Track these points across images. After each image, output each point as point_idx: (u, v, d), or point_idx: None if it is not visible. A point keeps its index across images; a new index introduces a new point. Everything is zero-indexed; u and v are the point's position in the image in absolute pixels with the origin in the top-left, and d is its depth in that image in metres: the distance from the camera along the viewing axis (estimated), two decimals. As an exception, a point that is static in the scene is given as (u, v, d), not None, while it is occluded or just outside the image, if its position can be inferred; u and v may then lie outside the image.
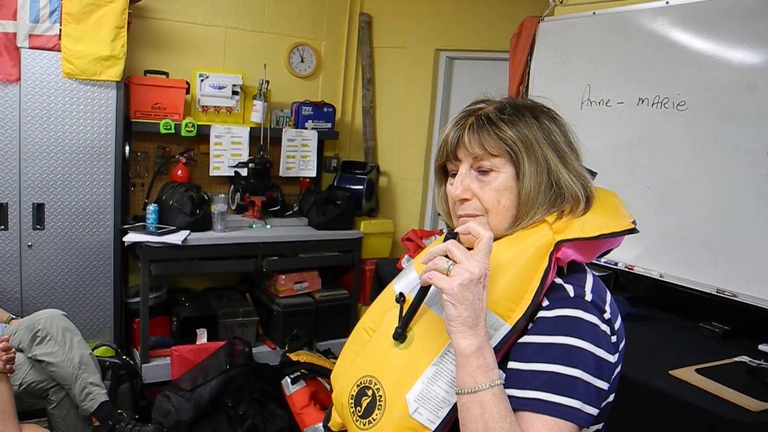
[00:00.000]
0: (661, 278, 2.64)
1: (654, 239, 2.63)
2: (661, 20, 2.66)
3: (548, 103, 1.16)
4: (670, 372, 1.99)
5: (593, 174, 1.14)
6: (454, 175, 1.13)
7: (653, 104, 2.68)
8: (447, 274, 0.96)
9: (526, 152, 1.06)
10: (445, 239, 1.04)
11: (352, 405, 1.11)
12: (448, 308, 0.95)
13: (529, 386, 0.97)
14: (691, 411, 1.82)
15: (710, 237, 2.49)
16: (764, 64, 2.32)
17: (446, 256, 0.98)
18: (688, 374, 1.98)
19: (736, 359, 2.12)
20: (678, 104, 2.59)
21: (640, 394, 1.93)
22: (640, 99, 2.73)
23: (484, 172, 1.09)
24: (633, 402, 1.92)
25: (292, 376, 3.36)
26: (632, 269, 2.73)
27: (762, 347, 2.24)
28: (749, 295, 2.35)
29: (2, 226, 3.16)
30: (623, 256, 2.75)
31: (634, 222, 1.08)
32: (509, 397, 0.97)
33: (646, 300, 2.74)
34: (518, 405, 0.96)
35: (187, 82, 3.74)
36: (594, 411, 0.98)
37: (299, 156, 4.13)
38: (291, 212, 4.12)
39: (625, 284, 2.84)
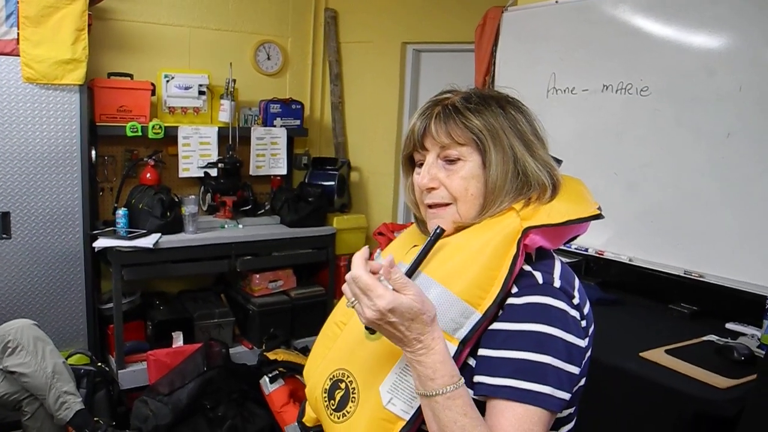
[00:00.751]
0: (630, 262, 2.68)
1: (622, 224, 2.67)
2: (622, 7, 2.69)
3: (514, 93, 1.17)
4: (641, 354, 2.02)
5: (558, 162, 1.15)
6: (421, 165, 1.14)
7: (617, 91, 2.71)
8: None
9: (492, 141, 1.07)
10: (434, 235, 1.06)
11: (326, 399, 1.12)
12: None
13: (499, 373, 0.98)
14: (661, 391, 1.86)
15: (676, 220, 2.53)
16: (722, 49, 2.36)
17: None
18: (658, 355, 2.01)
19: (705, 338, 2.16)
20: (641, 90, 2.62)
21: (611, 377, 1.95)
22: (604, 86, 2.76)
23: (451, 161, 1.10)
24: (605, 385, 1.94)
25: (270, 375, 3.35)
26: (602, 254, 2.77)
27: (729, 326, 2.28)
28: (716, 275, 2.40)
29: (-32, 237, 3.11)
30: (593, 241, 2.79)
31: (599, 208, 1.10)
32: (480, 384, 0.99)
33: (616, 284, 2.77)
34: (489, 392, 0.97)
35: (153, 84, 3.70)
36: (566, 395, 0.99)
37: (269, 154, 4.11)
38: (263, 211, 4.10)
39: (595, 270, 2.87)
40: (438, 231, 1.06)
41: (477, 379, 1.00)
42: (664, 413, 1.84)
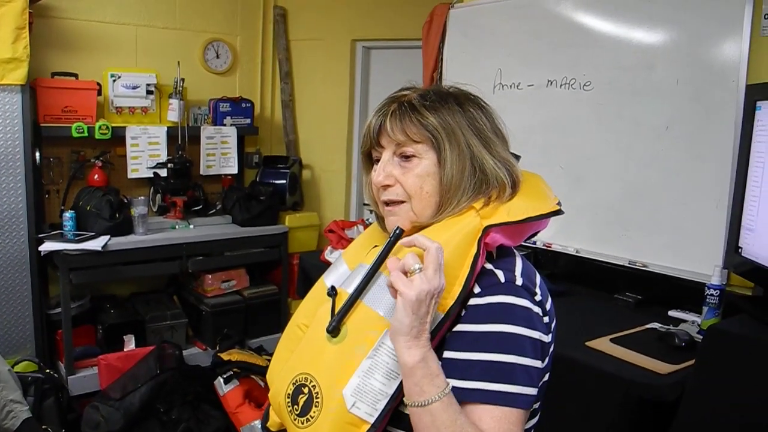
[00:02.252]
0: (577, 254, 2.74)
1: (569, 217, 2.68)
2: (565, 4, 2.75)
3: (474, 90, 1.16)
4: (587, 343, 2.07)
5: (517, 158, 1.15)
6: (378, 162, 1.14)
7: (561, 85, 2.77)
8: (409, 275, 0.96)
9: (447, 138, 1.07)
10: (394, 236, 1.04)
11: (289, 404, 1.09)
12: (398, 313, 0.95)
13: (468, 377, 0.97)
14: (606, 379, 1.90)
15: (621, 211, 2.60)
16: (661, 44, 2.43)
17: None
18: (603, 344, 2.06)
19: (648, 326, 2.22)
20: (584, 85, 2.68)
21: (559, 366, 1.98)
22: (549, 81, 2.82)
23: (406, 158, 1.09)
24: (554, 375, 1.98)
25: (224, 376, 3.32)
26: (550, 247, 2.82)
27: (671, 313, 2.35)
28: (659, 264, 2.47)
29: None
30: (541, 234, 2.81)
31: (559, 203, 1.10)
32: (452, 387, 0.97)
33: (564, 276, 2.83)
34: (461, 396, 0.97)
35: (99, 83, 3.63)
36: (534, 391, 0.99)
37: (219, 153, 4.08)
38: (214, 211, 4.06)
39: (544, 262, 2.92)
40: (398, 231, 1.05)
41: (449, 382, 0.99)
42: (609, 399, 1.89)
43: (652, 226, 2.50)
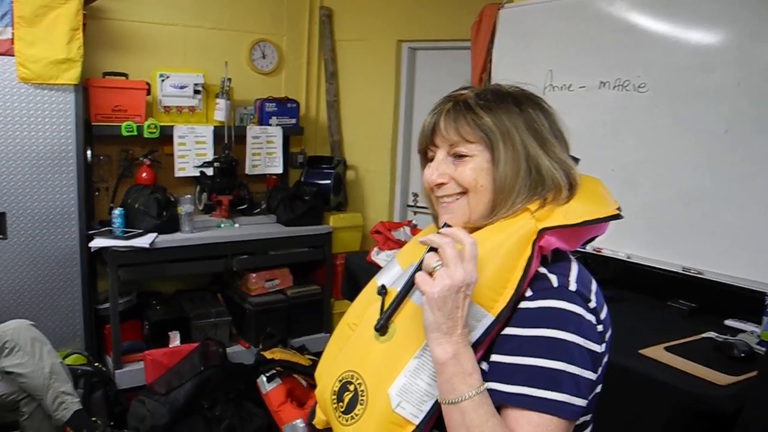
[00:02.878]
0: (628, 259, 2.68)
1: (620, 221, 2.66)
2: (619, 4, 2.69)
3: (534, 90, 1.14)
4: (640, 351, 2.03)
5: (576, 161, 1.13)
6: (432, 161, 1.13)
7: (614, 87, 2.71)
8: (431, 274, 0.95)
9: (501, 138, 1.05)
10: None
11: (335, 401, 1.10)
12: (425, 312, 0.95)
13: (512, 381, 0.96)
14: (661, 388, 1.86)
15: (674, 216, 2.53)
16: (720, 45, 2.37)
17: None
18: (657, 352, 2.01)
19: (704, 335, 2.17)
20: (638, 86, 2.62)
21: (611, 374, 1.95)
22: (601, 82, 2.76)
23: (459, 157, 1.08)
24: (605, 382, 1.95)
25: (267, 375, 3.34)
26: (600, 252, 2.77)
27: (728, 322, 2.29)
28: (714, 272, 2.40)
29: (-37, 238, 3.09)
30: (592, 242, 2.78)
31: (619, 208, 1.07)
32: (494, 390, 0.96)
33: (614, 282, 2.77)
34: (502, 399, 0.95)
35: (148, 83, 3.69)
36: (582, 402, 0.96)
37: (265, 153, 4.10)
38: (259, 210, 4.09)
39: (593, 267, 2.86)
40: (443, 227, 1.04)
41: (489, 385, 0.97)
42: (663, 410, 1.84)
43: (708, 232, 2.43)
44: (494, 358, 0.99)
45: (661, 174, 2.57)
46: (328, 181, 4.23)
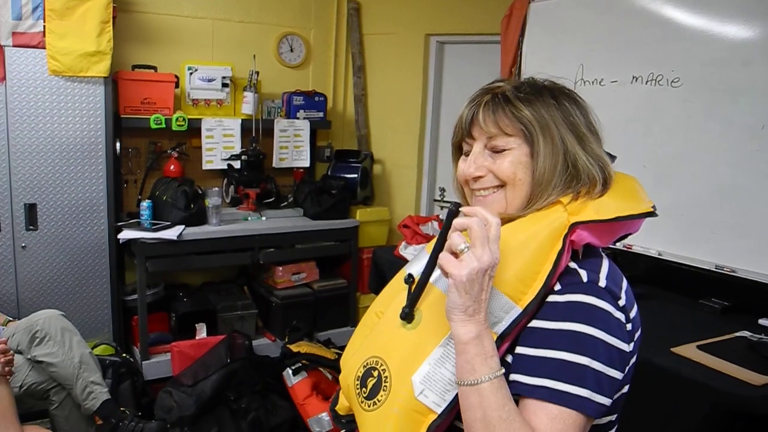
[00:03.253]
0: (659, 256, 2.64)
1: (652, 218, 2.62)
2: (652, -3, 2.64)
3: (568, 84, 1.13)
4: (672, 349, 1.99)
5: (612, 158, 1.11)
6: (467, 154, 1.11)
7: (647, 82, 2.67)
8: (458, 256, 0.94)
9: (541, 132, 1.04)
10: (449, 214, 1.01)
11: (358, 386, 1.09)
12: (451, 294, 0.94)
13: (536, 373, 0.95)
14: (694, 387, 1.83)
15: (707, 213, 2.49)
16: (758, 38, 2.31)
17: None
18: (689, 351, 1.98)
19: (737, 334, 2.13)
20: (672, 81, 2.58)
21: (642, 372, 1.91)
22: (633, 77, 2.72)
23: (497, 151, 1.07)
24: (636, 381, 1.92)
25: (293, 368, 3.35)
26: (630, 248, 2.73)
27: (762, 321, 2.24)
28: (748, 270, 2.36)
29: (-5, 228, 3.14)
30: (625, 239, 2.74)
31: (654, 207, 1.05)
32: (516, 382, 0.96)
33: (645, 279, 2.73)
34: (524, 391, 0.95)
35: (176, 76, 3.71)
36: (606, 401, 0.95)
37: (292, 146, 4.11)
38: (286, 203, 4.10)
39: (623, 263, 2.82)
40: (452, 208, 1.01)
41: (513, 377, 0.97)
42: (695, 409, 1.81)
43: (742, 230, 2.38)
44: (519, 350, 0.98)
45: (694, 170, 2.52)
46: (355, 175, 4.22)
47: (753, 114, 2.32)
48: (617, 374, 0.97)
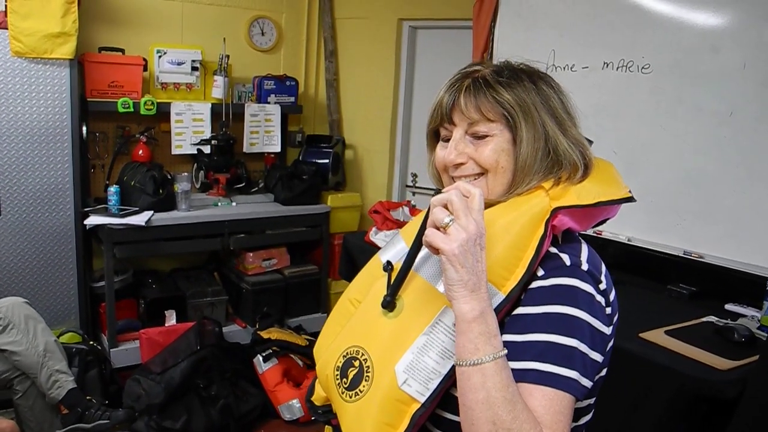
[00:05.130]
0: (629, 242, 2.66)
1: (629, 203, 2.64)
2: (623, -18, 2.64)
3: (542, 67, 1.12)
4: (640, 334, 2.01)
5: (590, 142, 1.11)
6: (446, 140, 1.10)
7: (618, 68, 2.68)
8: (444, 231, 0.92)
9: (524, 117, 1.03)
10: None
11: (338, 377, 1.08)
12: (448, 271, 0.92)
13: (525, 357, 0.94)
14: (661, 372, 1.84)
15: (676, 200, 2.51)
16: (727, 25, 2.33)
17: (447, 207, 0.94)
18: (657, 336, 2.00)
19: (704, 319, 2.15)
20: (642, 67, 2.59)
21: (611, 357, 1.93)
22: (604, 63, 2.73)
23: (479, 137, 1.06)
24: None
25: (263, 354, 3.34)
26: (600, 234, 2.75)
27: (728, 307, 2.27)
28: (715, 255, 2.39)
29: (-44, 213, 3.06)
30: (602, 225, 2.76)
31: (630, 192, 1.06)
32: None
33: (614, 264, 2.70)
34: (515, 377, 0.93)
35: (144, 59, 3.63)
36: (589, 383, 0.95)
37: (263, 131, 4.06)
38: (256, 189, 4.06)
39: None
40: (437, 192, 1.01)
41: None
42: (663, 394, 1.83)
43: (710, 216, 2.41)
44: (506, 338, 0.97)
45: (663, 156, 2.54)
46: (327, 161, 4.19)
47: (721, 101, 2.34)
48: (599, 357, 0.98)
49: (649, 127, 2.57)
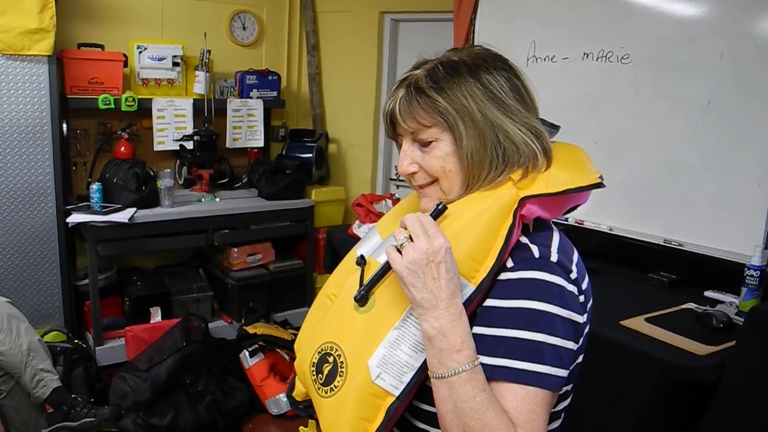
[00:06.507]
0: (610, 231, 2.68)
1: (603, 193, 2.62)
2: (602, -26, 2.66)
3: (493, 48, 1.11)
4: (621, 322, 2.03)
5: (556, 127, 1.11)
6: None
7: (598, 58, 2.69)
8: (400, 250, 0.95)
9: (460, 117, 1.02)
10: (436, 210, 1.02)
11: (314, 372, 1.08)
12: (405, 290, 0.95)
13: (495, 353, 0.95)
14: (642, 359, 1.87)
15: (656, 189, 2.53)
16: (705, 15, 2.35)
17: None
18: (638, 324, 2.02)
19: (684, 306, 2.18)
20: (622, 58, 2.60)
21: (593, 345, 1.94)
22: (585, 54, 2.74)
23: (425, 144, 1.06)
24: (586, 353, 1.95)
25: (250, 349, 3.33)
26: (582, 224, 2.77)
27: (708, 294, 2.30)
28: (694, 243, 2.41)
29: (-64, 213, 3.03)
30: (575, 211, 2.78)
31: (601, 177, 1.05)
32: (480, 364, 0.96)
33: (596, 254, 2.77)
34: (487, 372, 0.94)
35: (125, 55, 3.61)
36: (564, 373, 0.96)
37: (246, 126, 4.05)
38: (240, 184, 4.05)
39: (575, 239, 2.85)
40: (440, 207, 1.02)
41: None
42: (644, 380, 1.85)
43: (689, 205, 2.43)
44: (476, 330, 0.98)
45: (644, 146, 2.56)
46: (310, 155, 4.19)
47: (700, 90, 2.36)
48: (573, 345, 0.99)
49: (630, 117, 2.59)
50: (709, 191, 2.36)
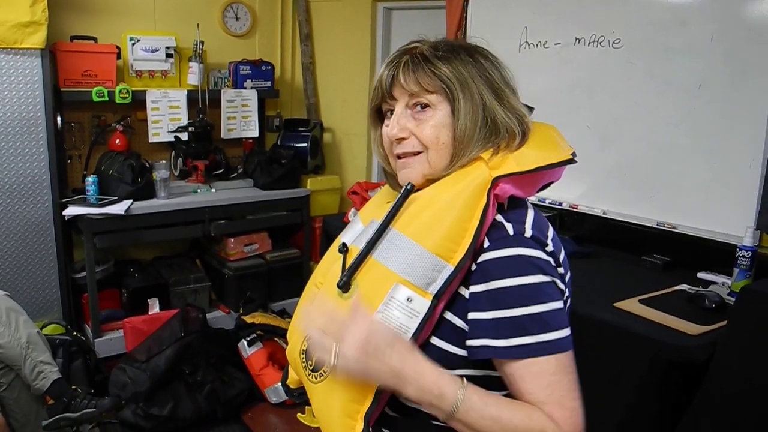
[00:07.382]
0: (604, 215, 2.70)
1: (596, 177, 2.68)
2: (593, -42, 2.66)
3: (483, 43, 1.15)
4: (615, 304, 2.05)
5: (531, 109, 1.14)
6: (390, 115, 1.12)
7: (589, 44, 2.70)
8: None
9: (461, 89, 1.05)
10: (404, 192, 1.05)
11: (304, 359, 1.11)
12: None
13: (501, 335, 0.97)
14: (636, 340, 1.88)
15: (649, 172, 2.55)
16: (694, -1, 2.36)
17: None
18: (632, 305, 2.04)
19: (677, 288, 2.19)
20: (613, 42, 2.61)
21: (587, 327, 1.97)
22: (576, 39, 2.75)
23: (421, 108, 1.08)
24: (582, 336, 1.96)
25: (248, 339, 3.35)
26: (576, 208, 2.78)
27: (700, 275, 2.32)
28: (687, 225, 2.43)
29: (-68, 208, 3.03)
30: (567, 195, 2.80)
31: (573, 153, 1.08)
32: (486, 347, 0.98)
33: (590, 238, 2.80)
34: (499, 354, 0.97)
35: (118, 47, 3.60)
36: (568, 330, 1.00)
37: (240, 117, 4.05)
38: (235, 174, 4.06)
39: (569, 223, 2.89)
40: (408, 187, 1.06)
41: (481, 342, 0.98)
42: (638, 360, 1.87)
43: (682, 187, 2.45)
44: (472, 316, 1.00)
45: (636, 130, 2.57)
46: (305, 144, 4.19)
47: (690, 74, 2.37)
48: (562, 303, 1.02)
49: (622, 101, 2.60)
50: (701, 174, 2.38)
